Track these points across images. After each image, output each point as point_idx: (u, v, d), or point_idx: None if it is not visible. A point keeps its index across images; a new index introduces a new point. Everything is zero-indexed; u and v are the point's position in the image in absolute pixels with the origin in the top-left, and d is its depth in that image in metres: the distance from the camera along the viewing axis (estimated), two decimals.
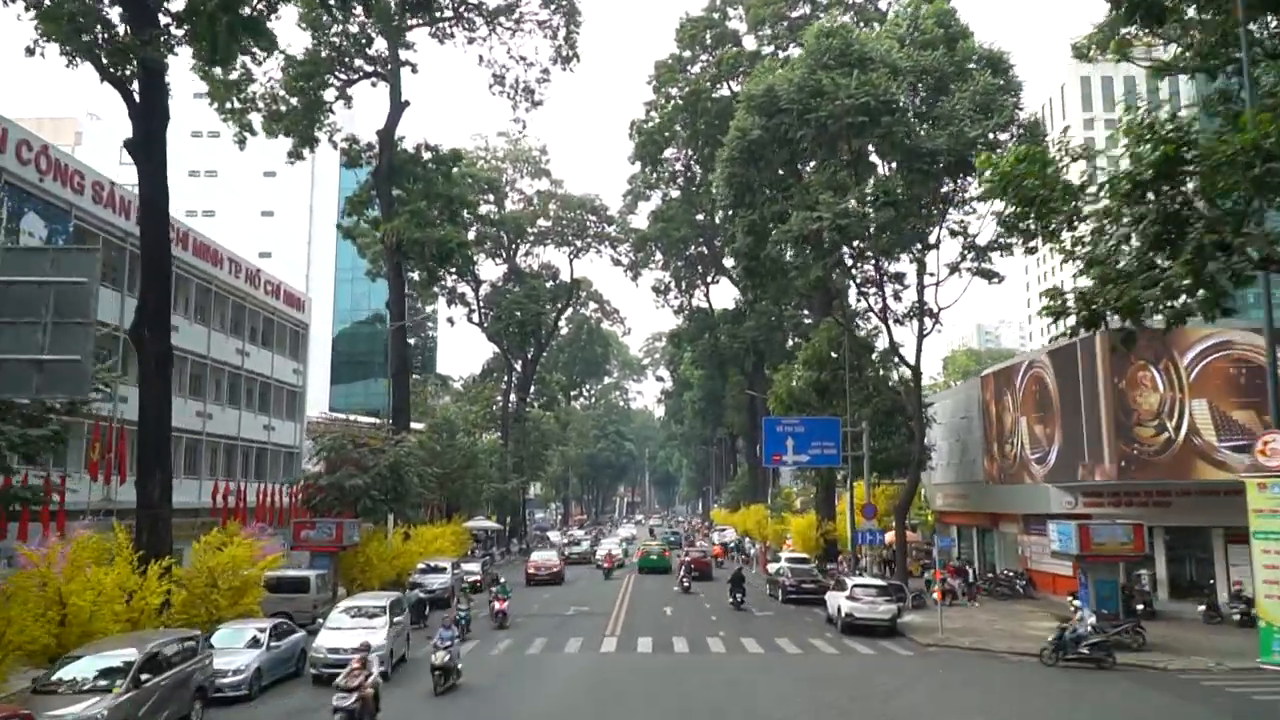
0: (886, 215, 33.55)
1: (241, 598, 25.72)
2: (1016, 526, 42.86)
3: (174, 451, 44.14)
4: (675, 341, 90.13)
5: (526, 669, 24.73)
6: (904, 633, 30.93)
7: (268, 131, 49.91)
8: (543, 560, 50.80)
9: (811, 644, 29.17)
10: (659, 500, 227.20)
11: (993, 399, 43.93)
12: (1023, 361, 41.39)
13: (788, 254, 37.40)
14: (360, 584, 37.42)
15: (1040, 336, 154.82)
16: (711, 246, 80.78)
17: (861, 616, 30.71)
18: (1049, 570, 39.72)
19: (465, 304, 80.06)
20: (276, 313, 54.60)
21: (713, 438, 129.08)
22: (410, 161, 49.65)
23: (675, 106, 62.11)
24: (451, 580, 40.08)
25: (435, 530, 48.77)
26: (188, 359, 44.55)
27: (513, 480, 71.64)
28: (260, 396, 53.34)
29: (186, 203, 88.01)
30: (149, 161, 26.71)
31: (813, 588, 39.98)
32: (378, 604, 24.52)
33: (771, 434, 40.67)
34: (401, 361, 49.87)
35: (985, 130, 34.18)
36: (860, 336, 44.18)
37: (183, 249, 43.73)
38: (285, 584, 31.62)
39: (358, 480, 37.40)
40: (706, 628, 32.64)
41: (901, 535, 40.36)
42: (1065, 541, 28.29)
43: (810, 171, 37.66)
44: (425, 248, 45.75)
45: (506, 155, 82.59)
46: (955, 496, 49.00)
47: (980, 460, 45.68)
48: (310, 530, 34.83)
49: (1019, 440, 40.64)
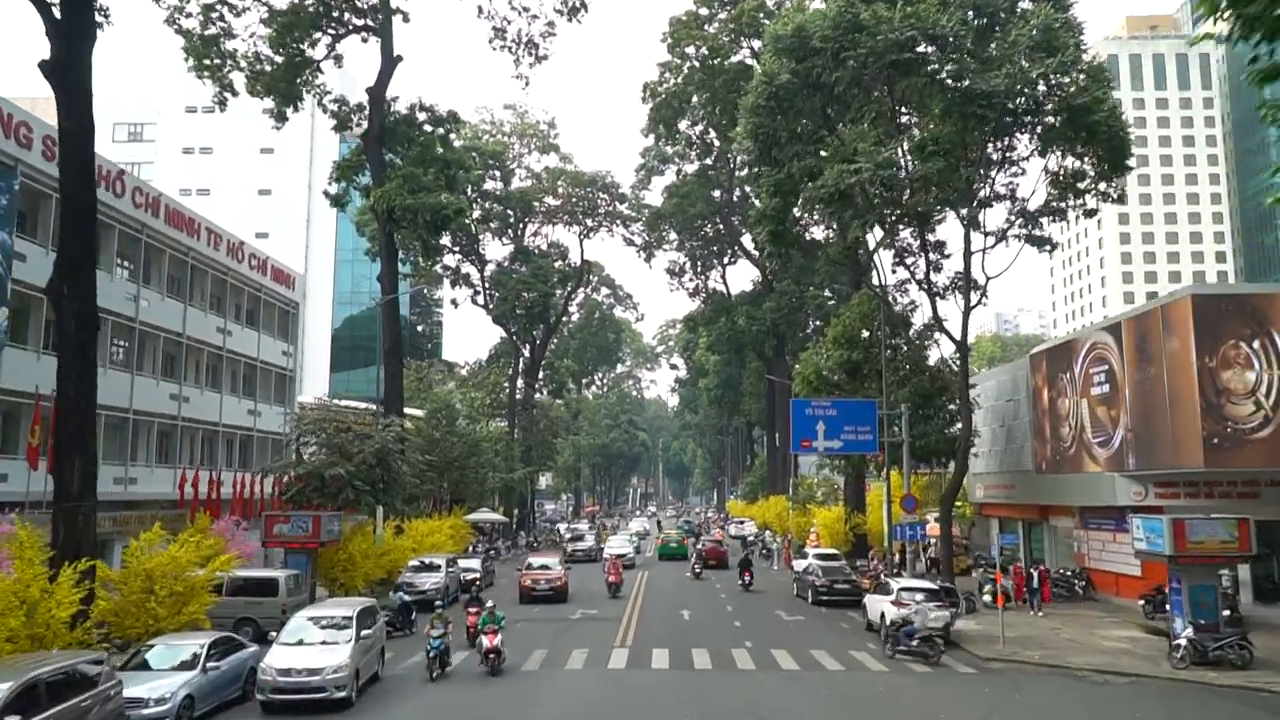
0: (935, 166, 29.29)
1: (185, 605, 21.86)
2: (1071, 520, 38.66)
3: (146, 438, 40.88)
4: (690, 325, 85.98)
5: (523, 692, 20.75)
6: (959, 643, 26.84)
7: (250, 91, 46.02)
8: (540, 571, 37.61)
9: (854, 657, 25.12)
10: (673, 491, 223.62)
11: (1044, 380, 39.70)
12: (1082, 339, 37.10)
13: (818, 217, 33.09)
14: (343, 585, 33.60)
15: (1067, 323, 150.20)
16: (729, 224, 76.71)
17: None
18: (1110, 569, 35.58)
19: (469, 285, 76.25)
20: (264, 290, 50.81)
21: (728, 427, 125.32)
22: (404, 124, 45.66)
23: (691, 70, 57.88)
24: (446, 579, 36.17)
25: (431, 524, 44.90)
26: (160, 336, 40.89)
27: (519, 470, 67.67)
28: (245, 379, 49.61)
29: (180, 180, 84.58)
30: (70, 88, 22.71)
31: (846, 588, 35.90)
32: (342, 613, 20.56)
33: (800, 417, 36.54)
34: (394, 340, 45.95)
35: (1048, 70, 29.92)
36: (896, 311, 39.85)
37: (153, 216, 39.96)
38: (250, 586, 27.83)
39: (339, 469, 33.48)
40: (730, 635, 28.62)
41: (947, 530, 36.21)
42: (1153, 539, 24.09)
43: (846, 122, 33.32)
44: (419, 215, 41.70)
45: (513, 130, 78.54)
46: (999, 487, 44.78)
47: (1028, 447, 41.48)
48: (283, 524, 30.95)
49: (1077, 424, 36.43)
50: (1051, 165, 35.56)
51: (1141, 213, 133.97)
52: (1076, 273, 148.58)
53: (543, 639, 27.51)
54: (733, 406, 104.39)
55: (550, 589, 36.52)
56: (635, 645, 26.65)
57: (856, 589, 36.04)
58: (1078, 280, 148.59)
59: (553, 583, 36.88)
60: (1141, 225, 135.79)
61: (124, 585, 21.32)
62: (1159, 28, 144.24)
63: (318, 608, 21.81)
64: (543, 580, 36.78)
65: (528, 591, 36.47)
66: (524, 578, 37.42)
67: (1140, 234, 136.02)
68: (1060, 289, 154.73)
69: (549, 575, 37.24)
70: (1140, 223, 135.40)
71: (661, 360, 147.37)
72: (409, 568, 36.78)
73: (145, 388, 39.63)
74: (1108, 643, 26.85)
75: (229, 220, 60.13)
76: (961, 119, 30.26)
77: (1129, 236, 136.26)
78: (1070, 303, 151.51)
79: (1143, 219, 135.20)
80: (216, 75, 43.75)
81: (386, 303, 44.58)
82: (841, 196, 30.47)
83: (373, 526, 37.58)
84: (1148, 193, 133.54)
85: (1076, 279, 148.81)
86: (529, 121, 78.07)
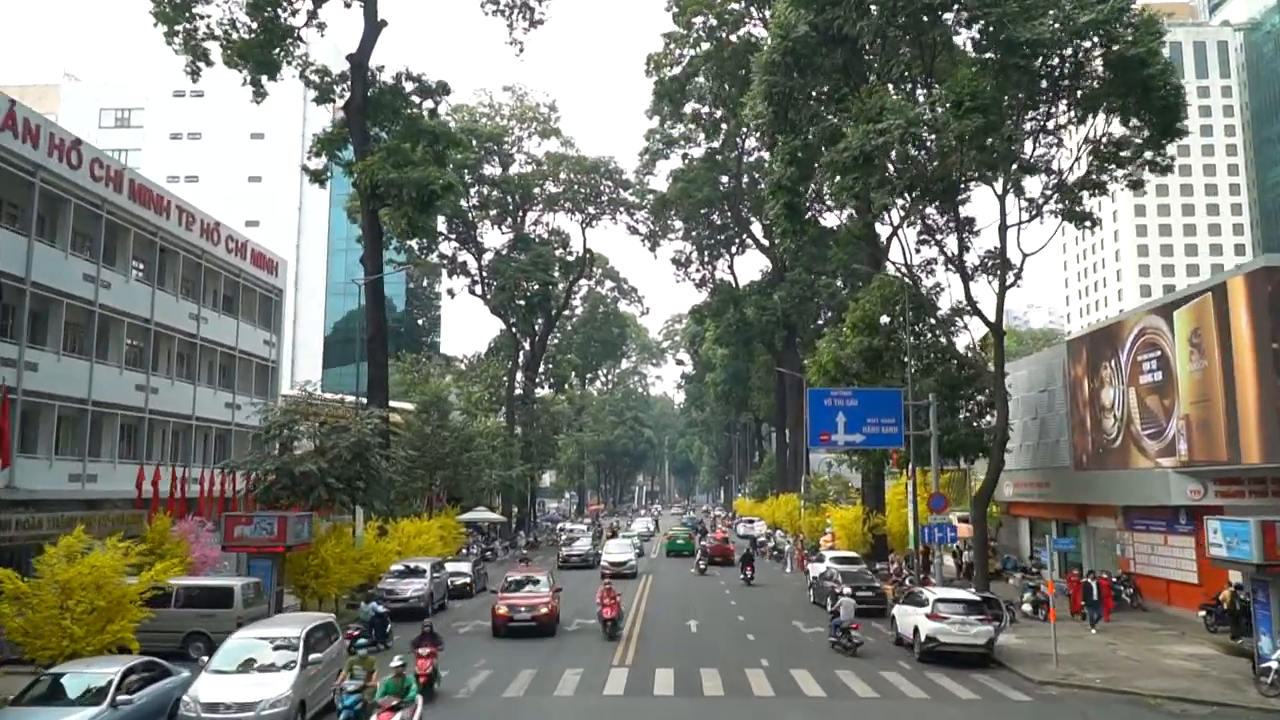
0: (972, 124, 25.99)
1: (109, 623, 18.68)
2: (1114, 521, 35.39)
3: (108, 432, 37.77)
4: (697, 317, 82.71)
5: None
6: (1004, 662, 23.64)
7: (228, 63, 43.02)
8: (521, 594, 28.65)
9: (885, 679, 21.91)
10: (678, 489, 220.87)
11: (1085, 369, 36.44)
12: (1129, 322, 33.76)
13: (834, 200, 29.82)
14: (314, 593, 30.49)
15: (1081, 317, 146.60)
16: (737, 211, 73.54)
17: (949, 641, 23.45)
18: (1160, 575, 32.33)
19: (466, 274, 73.09)
20: (243, 275, 47.60)
21: (736, 423, 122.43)
22: (389, 94, 42.46)
23: (697, 40, 54.55)
24: (430, 585, 33.05)
25: (418, 524, 41.70)
26: (124, 322, 37.68)
27: (518, 467, 64.45)
28: (223, 370, 46.45)
29: (168, 167, 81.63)
30: None
31: (870, 595, 32.62)
32: (288, 633, 17.39)
33: (819, 409, 33.32)
34: (377, 327, 42.81)
35: (1098, 16, 26.63)
36: (923, 293, 36.56)
37: (116, 191, 36.78)
38: (202, 596, 24.91)
39: (310, 465, 30.28)
40: (743, 651, 25.45)
41: (982, 533, 33.00)
42: (1236, 545, 20.80)
43: (870, 81, 30.02)
44: (404, 191, 38.51)
45: (513, 113, 75.27)
46: (1031, 485, 41.49)
47: (1065, 441, 38.23)
48: (244, 526, 27.88)
49: (1123, 415, 33.16)
50: (1093, 133, 32.42)
51: (1158, 203, 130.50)
52: (1091, 265, 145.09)
53: (531, 657, 24.30)
54: (740, 402, 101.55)
55: (532, 619, 27.53)
56: (636, 664, 23.49)
57: (881, 597, 32.87)
58: (1092, 273, 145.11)
59: (536, 609, 27.72)
60: (1158, 216, 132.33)
61: (35, 599, 18.17)
62: (1176, 15, 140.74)
63: (259, 626, 18.62)
64: (523, 606, 27.77)
65: (503, 622, 27.64)
66: (500, 602, 28.34)
67: (1157, 225, 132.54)
68: (1074, 282, 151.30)
69: (532, 599, 28.26)
70: (1157, 213, 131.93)
71: (667, 356, 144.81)
72: (391, 573, 33.67)
73: (107, 377, 36.48)
74: (1173, 661, 23.62)
75: (218, 208, 57.12)
76: (1001, 72, 26.98)
77: (1145, 228, 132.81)
78: (1084, 296, 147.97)
79: (1159, 209, 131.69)
80: (190, 44, 40.78)
81: (370, 286, 41.45)
82: (866, 160, 27.20)
83: (351, 528, 34.40)
84: (1165, 183, 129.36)
85: (1091, 271, 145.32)
86: (529, 104, 74.82)
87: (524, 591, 28.85)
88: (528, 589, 29.02)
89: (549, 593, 28.97)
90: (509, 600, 28.24)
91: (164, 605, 24.60)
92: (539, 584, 29.59)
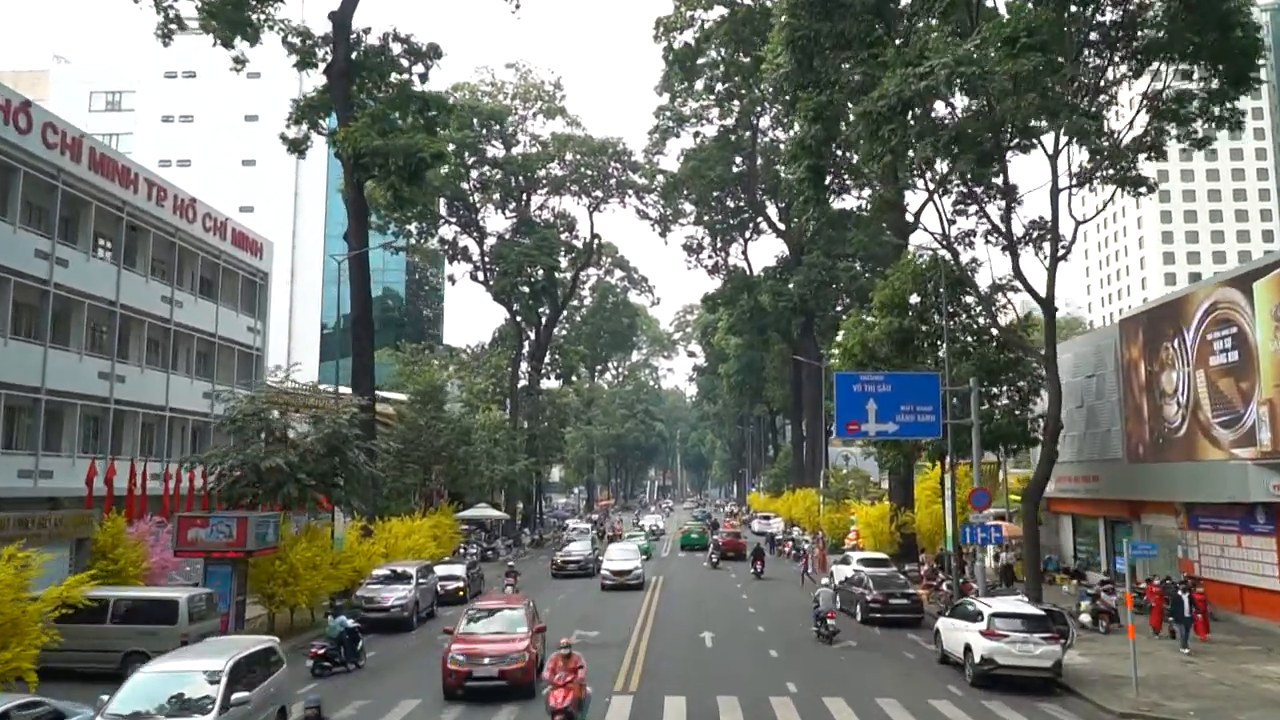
0: (1030, 63, 22.43)
1: (2, 650, 15.41)
2: (1174, 519, 31.87)
3: (68, 424, 34.63)
4: (710, 305, 79.27)
5: None
6: (1073, 688, 20.20)
7: (203, 26, 39.83)
8: (485, 636, 20.04)
9: (936, 710, 18.52)
10: (690, 484, 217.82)
11: (1141, 350, 32.89)
12: (1197, 297, 30.09)
13: (871, 142, 26.22)
14: (283, 602, 27.23)
15: (1103, 307, 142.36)
16: (752, 194, 70.06)
17: (1009, 663, 20.00)
18: (1233, 581, 28.83)
19: (468, 259, 69.78)
20: (223, 256, 44.45)
21: (749, 416, 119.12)
22: (375, 56, 39.09)
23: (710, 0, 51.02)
24: (416, 593, 29.75)
25: (408, 524, 38.40)
26: (84, 303, 34.57)
27: (521, 461, 61.11)
28: (201, 358, 43.35)
29: (159, 151, 78.44)
30: None
31: (905, 604, 29.25)
32: (208, 667, 14.01)
33: (846, 395, 29.82)
34: (363, 308, 39.58)
35: None
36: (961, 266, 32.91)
37: (74, 160, 33.61)
38: (142, 610, 21.66)
39: (278, 460, 26.96)
40: (766, 671, 22.09)
41: (1033, 534, 29.49)
42: None
43: (908, 20, 26.52)
44: (389, 159, 35.18)
45: (516, 92, 71.78)
46: (1076, 479, 37.96)
47: (1117, 431, 34.72)
48: (199, 528, 24.66)
49: (1189, 400, 29.62)
50: (1150, 89, 28.95)
51: (1183, 189, 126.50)
52: (1113, 254, 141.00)
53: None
54: (754, 393, 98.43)
55: (499, 674, 18.96)
56: (643, 689, 20.16)
57: (917, 605, 29.51)
58: (1114, 261, 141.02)
59: (506, 661, 19.09)
60: (1184, 203, 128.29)
61: None
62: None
63: (176, 657, 15.24)
64: (487, 656, 19.11)
65: (457, 681, 19.01)
66: (454, 648, 19.39)
67: (1182, 212, 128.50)
68: (1095, 271, 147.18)
69: (502, 643, 19.50)
70: (1182, 200, 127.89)
71: (679, 348, 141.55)
72: (373, 578, 30.36)
73: (65, 363, 33.40)
74: (1272, 686, 20.13)
75: (211, 192, 54.18)
76: (1060, 4, 23.43)
77: (1170, 215, 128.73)
78: (1106, 285, 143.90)
79: (1185, 196, 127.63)
80: (159, 2, 37.62)
81: (355, 265, 38.19)
82: (906, 109, 23.71)
83: (330, 529, 31.12)
84: (1190, 169, 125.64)
85: (1113, 260, 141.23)
86: (532, 81, 71.33)
87: (490, 632, 20.08)
88: (497, 627, 20.34)
89: (526, 632, 20.01)
90: (469, 645, 19.38)
91: (99, 621, 21.52)
92: (514, 618, 20.67)
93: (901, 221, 39.32)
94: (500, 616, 20.98)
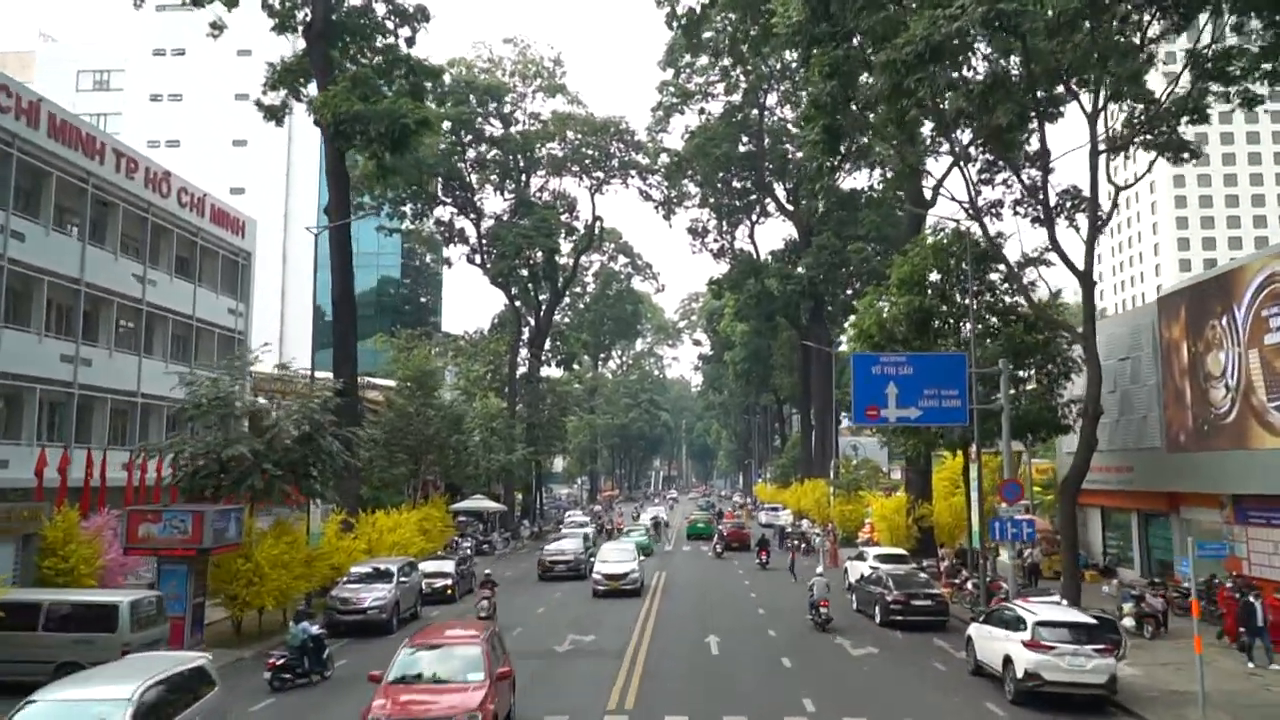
0: (1072, 3, 19.92)
1: None
2: (1219, 512, 29.35)
3: (27, 410, 32.31)
4: (715, 290, 76.64)
5: None
6: (1128, 706, 17.75)
7: None
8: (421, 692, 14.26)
9: None
10: (696, 474, 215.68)
11: (1183, 329, 30.34)
12: (1249, 269, 27.45)
13: (894, 94, 23.67)
14: (246, 603, 24.88)
15: (1115, 294, 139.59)
16: (759, 174, 67.47)
17: (1058, 679, 17.54)
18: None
19: (464, 241, 67.30)
20: (201, 234, 42.03)
21: (755, 405, 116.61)
22: (357, 16, 36.59)
23: None
24: (397, 592, 27.40)
25: (394, 518, 36.04)
26: (44, 281, 32.15)
27: (520, 450, 58.72)
28: (178, 341, 40.97)
29: (148, 131, 75.97)
30: None
31: (929, 605, 26.83)
32: (112, 694, 11.63)
33: (865, 378, 27.38)
34: (344, 287, 37.20)
35: None
36: (989, 238, 30.32)
37: (30, 126, 31.15)
38: (78, 616, 19.40)
39: (241, 448, 24.59)
40: (779, 685, 19.68)
41: (1071, 530, 27.08)
42: None
43: None
44: (370, 126, 32.73)
45: (514, 68, 69.17)
46: (1108, 469, 35.42)
47: (1155, 417, 32.20)
48: (151, 524, 22.36)
49: (1239, 383, 27.08)
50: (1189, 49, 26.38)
51: (1198, 173, 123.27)
52: (1126, 239, 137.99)
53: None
54: (761, 381, 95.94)
55: None
56: (640, 708, 17.75)
57: (942, 606, 27.11)
58: (1127, 248, 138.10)
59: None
60: (1199, 186, 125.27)
61: None
62: None
63: (76, 683, 12.78)
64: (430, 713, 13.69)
65: None
66: (375, 708, 13.75)
67: (1197, 195, 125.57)
68: (1108, 257, 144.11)
69: (444, 705, 13.77)
70: (1197, 184, 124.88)
71: (684, 336, 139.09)
72: (350, 576, 28.03)
73: (21, 345, 30.96)
74: None
75: (201, 174, 51.68)
76: None
77: (1185, 199, 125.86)
78: (1119, 272, 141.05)
79: (1200, 179, 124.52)
80: None
81: (335, 240, 35.92)
82: (935, 56, 21.19)
83: (304, 523, 28.77)
84: (1206, 151, 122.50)
85: (1126, 246, 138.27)
86: (531, 57, 68.71)
87: (431, 681, 14.63)
88: (443, 672, 14.79)
89: (483, 680, 14.36)
90: (397, 706, 13.68)
91: (30, 628, 19.33)
92: (467, 658, 14.94)
93: (920, 193, 36.77)
94: (446, 656, 15.13)
